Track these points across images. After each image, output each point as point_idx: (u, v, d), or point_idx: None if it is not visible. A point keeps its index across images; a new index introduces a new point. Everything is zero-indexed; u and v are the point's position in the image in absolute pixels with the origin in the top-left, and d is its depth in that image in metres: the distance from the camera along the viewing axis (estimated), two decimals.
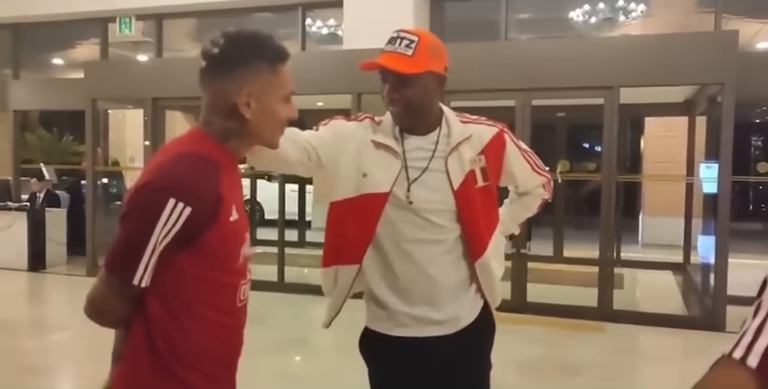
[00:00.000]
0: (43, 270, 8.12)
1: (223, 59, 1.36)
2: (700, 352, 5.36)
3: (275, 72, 1.40)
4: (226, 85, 1.36)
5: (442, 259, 1.80)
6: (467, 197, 1.79)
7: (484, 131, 1.87)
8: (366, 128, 1.85)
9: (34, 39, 9.75)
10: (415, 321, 1.81)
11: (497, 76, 5.94)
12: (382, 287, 1.82)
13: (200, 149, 1.36)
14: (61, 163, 11.69)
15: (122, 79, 7.72)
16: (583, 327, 5.69)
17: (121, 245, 1.29)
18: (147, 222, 1.26)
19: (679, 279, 7.85)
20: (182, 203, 1.25)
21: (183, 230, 1.27)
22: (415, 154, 1.81)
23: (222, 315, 1.40)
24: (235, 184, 1.43)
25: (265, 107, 1.38)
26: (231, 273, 1.40)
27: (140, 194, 1.29)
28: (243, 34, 1.39)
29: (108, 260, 1.31)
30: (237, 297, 1.42)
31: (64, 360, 4.98)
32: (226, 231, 1.33)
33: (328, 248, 1.89)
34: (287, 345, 5.26)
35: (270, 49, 1.39)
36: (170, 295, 1.32)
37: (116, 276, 1.30)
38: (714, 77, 5.64)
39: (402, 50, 1.72)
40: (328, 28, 8.47)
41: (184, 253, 1.30)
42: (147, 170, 1.34)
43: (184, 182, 1.28)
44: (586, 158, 11.42)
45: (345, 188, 1.81)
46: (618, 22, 8.33)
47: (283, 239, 7.21)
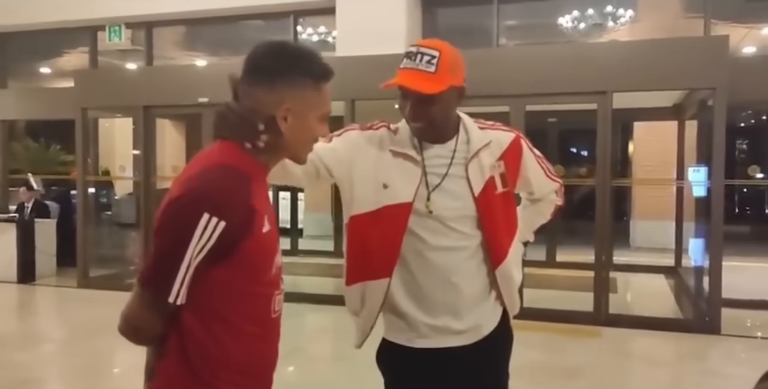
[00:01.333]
0: (33, 282, 8.01)
1: (271, 70, 1.34)
2: (697, 355, 5.40)
3: (318, 90, 1.38)
4: (267, 95, 1.34)
5: (465, 266, 1.78)
6: (488, 204, 1.78)
7: (502, 136, 1.85)
8: (382, 137, 1.81)
9: (21, 48, 9.68)
10: (435, 332, 1.78)
11: (490, 82, 5.95)
12: (403, 298, 1.78)
13: (231, 161, 1.33)
14: (49, 173, 11.58)
15: (112, 87, 7.66)
16: (578, 331, 5.70)
17: (156, 262, 1.27)
18: (181, 238, 1.23)
19: (672, 283, 7.89)
20: (216, 218, 1.23)
21: (218, 245, 1.24)
22: (434, 161, 1.78)
23: (257, 326, 1.37)
24: (265, 195, 1.41)
25: (301, 124, 1.37)
26: (265, 284, 1.38)
27: (173, 209, 1.27)
28: (292, 47, 1.39)
29: (143, 276, 1.28)
30: (271, 307, 1.40)
31: (55, 373, 4.90)
32: (259, 243, 1.31)
33: (352, 265, 1.84)
34: (282, 354, 5.21)
35: (317, 66, 1.38)
36: (205, 308, 1.30)
37: (151, 293, 1.28)
38: (706, 82, 5.69)
39: (424, 67, 1.67)
40: (318, 35, 8.48)
41: (219, 266, 1.28)
42: (179, 183, 1.31)
43: (217, 196, 1.25)
44: (576, 162, 11.48)
45: (365, 201, 1.77)
46: (607, 27, 8.41)
47: None
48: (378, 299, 1.79)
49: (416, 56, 1.68)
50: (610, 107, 5.83)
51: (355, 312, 1.87)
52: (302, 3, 7.64)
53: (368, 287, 1.80)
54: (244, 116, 1.36)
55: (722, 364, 5.10)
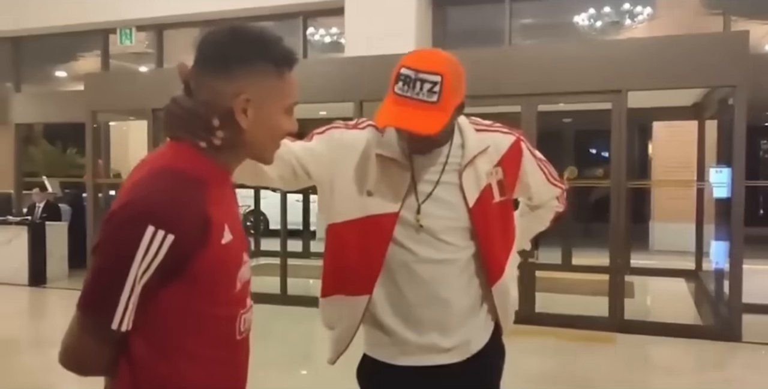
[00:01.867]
0: (44, 285, 8.02)
1: (225, 55, 1.16)
2: (717, 363, 5.20)
3: (281, 78, 1.20)
4: (223, 85, 1.16)
5: (456, 280, 1.63)
6: (483, 215, 1.62)
7: (500, 140, 1.68)
8: (368, 137, 1.64)
9: (36, 52, 9.74)
10: (421, 350, 1.63)
11: (502, 81, 5.82)
12: (387, 312, 1.63)
13: (181, 164, 1.16)
14: (65, 176, 11.64)
15: (122, 90, 7.65)
16: (593, 338, 5.52)
17: (96, 284, 1.10)
18: (123, 255, 1.07)
19: (692, 287, 7.67)
20: (163, 231, 1.06)
21: (166, 261, 1.08)
22: (425, 167, 1.62)
23: (220, 350, 1.21)
24: (226, 200, 1.24)
25: (264, 117, 1.19)
26: (227, 304, 1.21)
27: (114, 222, 1.09)
28: (250, 30, 1.20)
29: (81, 301, 1.10)
30: (236, 329, 1.23)
31: (66, 377, 4.85)
32: (218, 256, 1.14)
33: (329, 276, 1.69)
34: (290, 359, 5.12)
35: (279, 51, 1.20)
36: (157, 334, 1.14)
37: (92, 320, 1.11)
38: (725, 80, 5.49)
39: (425, 97, 1.47)
40: (330, 36, 8.41)
41: (171, 286, 1.11)
42: (123, 191, 1.14)
43: (163, 206, 1.08)
44: (593, 163, 11.28)
45: (346, 209, 1.61)
46: (624, 25, 8.22)
47: (285, 250, 7.09)
48: (356, 316, 1.65)
49: (415, 84, 1.47)
50: (625, 106, 5.65)
51: (330, 325, 1.73)
52: (312, 4, 7.57)
53: (346, 303, 1.66)
54: (194, 110, 1.18)
55: (743, 373, 4.89)
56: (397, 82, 1.50)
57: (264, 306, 6.41)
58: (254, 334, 1.34)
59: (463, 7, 7.57)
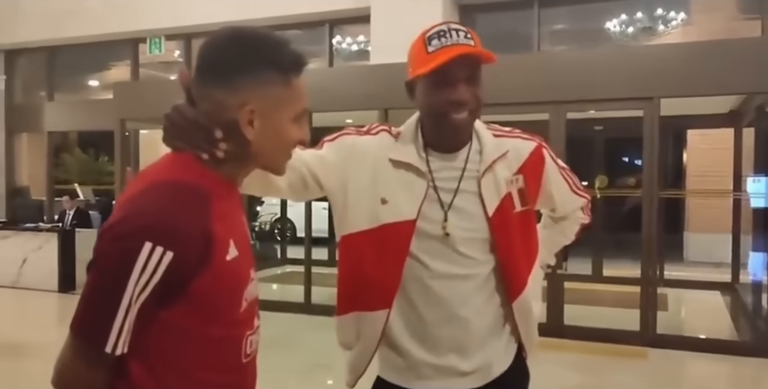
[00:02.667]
0: (73, 292, 8.10)
1: (226, 64, 1.09)
2: (753, 381, 4.98)
3: (288, 85, 1.13)
4: (226, 96, 1.09)
5: (475, 297, 1.52)
6: (504, 225, 1.52)
7: (520, 145, 1.59)
8: (381, 142, 1.56)
9: (69, 61, 9.93)
10: (438, 373, 1.53)
11: (529, 88, 5.70)
12: (402, 332, 1.54)
13: (183, 176, 1.09)
14: (97, 183, 11.82)
15: (150, 99, 7.70)
16: (623, 352, 5.35)
17: (89, 305, 1.02)
18: (117, 275, 1.00)
19: (728, 300, 7.41)
20: (162, 248, 0.99)
21: (165, 280, 1.01)
22: (442, 174, 1.52)
23: (224, 375, 1.13)
24: (231, 214, 1.16)
25: (272, 127, 1.12)
26: (232, 325, 1.13)
27: (108, 238, 1.02)
28: (252, 35, 1.12)
29: (74, 323, 1.03)
30: (242, 351, 1.16)
31: None
32: (221, 275, 1.07)
33: (345, 292, 1.60)
34: (314, 370, 5.06)
35: (284, 56, 1.12)
36: (157, 357, 1.06)
37: (85, 343, 1.03)
38: (763, 86, 5.29)
39: (465, 41, 1.44)
40: (357, 44, 8.39)
41: (170, 307, 1.04)
42: (119, 205, 1.08)
43: (162, 220, 1.01)
44: (625, 172, 11.04)
45: (359, 218, 1.52)
46: (657, 31, 8.05)
47: (309, 258, 7.04)
48: (375, 333, 1.54)
49: (450, 33, 1.45)
50: (657, 113, 5.48)
51: (348, 345, 1.63)
52: (338, 11, 7.56)
53: (364, 319, 1.56)
54: (195, 121, 1.11)
55: None
56: (428, 45, 1.46)
57: (288, 314, 6.38)
58: (278, 343, 1.28)
59: (490, 13, 7.48)
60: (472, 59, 1.46)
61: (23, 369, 5.00)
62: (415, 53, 1.50)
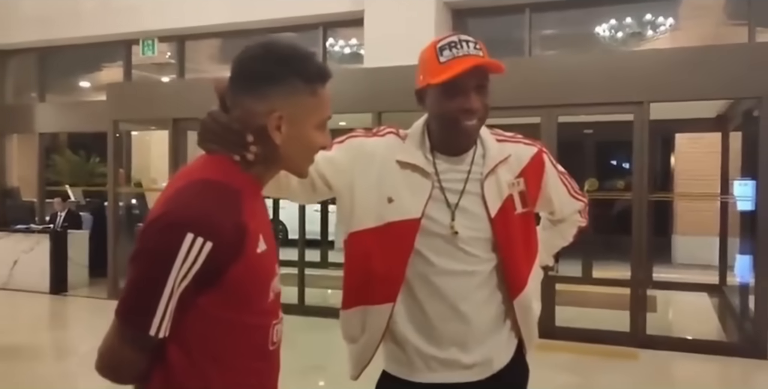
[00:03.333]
0: (65, 293, 8.09)
1: (257, 73, 1.20)
2: (741, 381, 5.08)
3: (313, 94, 1.24)
4: (256, 103, 1.20)
5: (476, 294, 1.60)
6: (505, 225, 1.60)
7: (522, 150, 1.67)
8: (389, 144, 1.63)
9: (61, 63, 9.89)
10: (441, 366, 1.60)
11: (521, 92, 5.78)
12: (406, 326, 1.61)
13: (217, 175, 1.20)
14: (88, 185, 11.77)
15: (144, 100, 7.73)
16: (614, 353, 5.42)
17: (134, 291, 1.12)
18: (162, 263, 1.09)
19: (716, 302, 7.52)
20: (202, 238, 1.09)
21: (204, 269, 1.10)
22: (447, 175, 1.60)
23: (253, 361, 1.23)
24: (260, 212, 1.27)
25: (298, 133, 1.23)
26: (261, 313, 1.23)
27: (153, 230, 1.12)
28: (282, 47, 1.23)
29: (119, 308, 1.13)
30: (269, 339, 1.25)
31: (86, 385, 4.87)
32: (253, 265, 1.17)
33: (350, 287, 1.67)
34: (308, 371, 5.09)
35: (310, 67, 1.23)
36: (193, 342, 1.15)
37: (130, 327, 1.13)
38: (750, 91, 5.40)
39: (475, 52, 1.52)
40: (350, 47, 8.43)
41: (207, 294, 1.14)
42: (160, 201, 1.18)
43: (202, 214, 1.12)
44: (615, 175, 11.15)
45: (366, 217, 1.59)
46: (646, 36, 8.14)
47: (303, 260, 7.08)
48: (381, 325, 1.61)
49: (461, 44, 1.53)
50: (647, 117, 5.58)
51: (353, 339, 1.69)
52: (331, 15, 7.59)
53: (369, 313, 1.63)
54: (229, 126, 1.22)
55: None
56: (440, 55, 1.53)
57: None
58: None
59: (483, 18, 7.55)
60: (482, 70, 1.53)
61: (15, 371, 4.99)
62: (427, 62, 1.56)
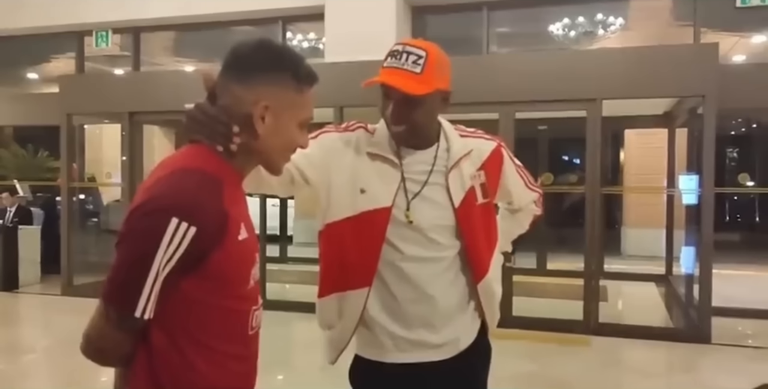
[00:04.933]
0: (16, 290, 7.89)
1: (250, 63, 1.25)
2: (687, 365, 5.34)
3: (300, 92, 1.29)
4: (245, 92, 1.24)
5: (441, 278, 1.70)
6: (468, 215, 1.71)
7: (483, 145, 1.78)
8: (359, 138, 1.72)
9: (8, 53, 9.58)
10: (411, 346, 1.69)
11: (480, 89, 5.91)
12: (377, 310, 1.69)
13: (200, 164, 1.24)
14: (37, 179, 11.45)
15: (98, 93, 7.58)
16: (568, 340, 5.63)
17: (120, 273, 1.16)
18: (148, 246, 1.13)
19: (663, 291, 7.85)
20: (186, 223, 1.13)
21: (188, 253, 1.15)
22: (413, 167, 1.70)
23: (233, 345, 1.27)
24: (240, 201, 1.31)
25: (279, 126, 1.27)
26: (241, 299, 1.27)
27: (138, 215, 1.16)
28: (278, 45, 1.31)
29: (106, 291, 1.17)
30: (249, 324, 1.30)
31: (37, 383, 4.80)
32: (234, 252, 1.22)
33: (326, 275, 1.74)
34: (268, 364, 5.12)
35: (301, 67, 1.29)
36: (175, 325, 1.20)
37: (116, 308, 1.17)
38: (695, 89, 5.67)
39: (409, 67, 1.57)
40: (308, 41, 8.43)
41: (189, 278, 1.18)
42: (144, 188, 1.22)
43: (186, 200, 1.16)
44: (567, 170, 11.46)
45: (341, 208, 1.67)
46: (597, 35, 8.39)
47: (264, 255, 7.08)
48: (357, 310, 1.70)
49: (401, 55, 1.59)
50: (599, 114, 5.79)
51: (330, 325, 1.77)
52: (291, 9, 7.58)
53: (346, 298, 1.71)
54: (216, 116, 1.27)
55: (713, 374, 5.04)
56: (386, 59, 1.62)
57: None
58: None
59: (441, 15, 7.66)
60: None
61: None
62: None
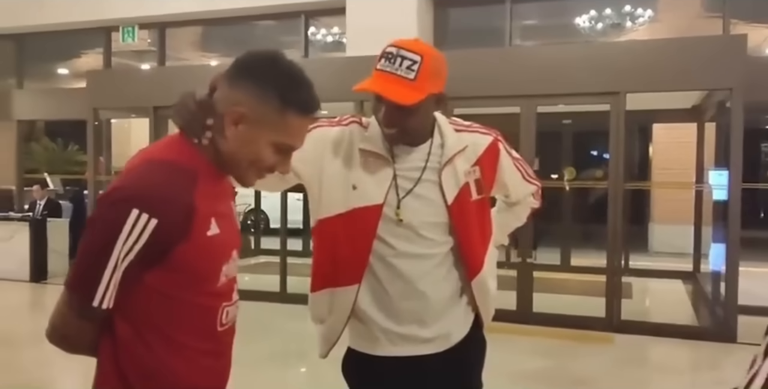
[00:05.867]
0: (45, 281, 8.07)
1: (248, 69, 1.23)
2: (711, 364, 5.23)
3: (282, 114, 1.21)
4: (230, 92, 1.22)
5: (433, 273, 1.69)
6: (462, 212, 1.69)
7: (478, 140, 1.75)
8: (352, 133, 1.70)
9: (39, 49, 9.77)
10: (402, 340, 1.69)
11: (501, 82, 5.85)
12: (369, 305, 1.69)
13: (173, 156, 1.23)
14: (66, 173, 11.68)
15: (124, 88, 7.69)
16: (590, 338, 5.55)
17: (81, 263, 1.17)
18: (107, 236, 1.13)
19: (689, 288, 7.70)
20: (146, 215, 1.12)
21: (149, 246, 1.14)
22: (406, 164, 1.68)
23: (200, 341, 1.26)
24: (217, 195, 1.28)
25: (250, 138, 1.22)
26: (209, 295, 1.25)
27: (101, 205, 1.17)
28: (287, 63, 1.25)
29: (68, 278, 1.18)
30: (217, 320, 1.28)
31: (65, 372, 4.89)
32: (201, 247, 1.19)
33: (318, 271, 1.74)
34: (288, 356, 5.16)
35: (297, 92, 1.23)
36: (140, 318, 1.20)
37: (76, 296, 1.17)
38: (722, 82, 5.52)
39: (403, 73, 1.54)
40: (332, 35, 8.44)
41: (153, 271, 1.17)
42: (119, 176, 1.22)
43: (149, 191, 1.15)
44: (594, 165, 11.30)
45: (333, 204, 1.68)
46: (625, 27, 8.24)
47: (285, 249, 7.12)
48: (347, 306, 1.70)
49: (396, 59, 1.55)
50: (623, 107, 5.68)
51: (321, 319, 1.78)
52: (314, 3, 7.60)
53: (336, 294, 1.71)
54: (194, 111, 1.26)
55: (737, 373, 4.90)
56: (380, 60, 1.58)
57: (264, 303, 6.45)
58: (253, 331, 1.38)
59: (464, 8, 7.60)
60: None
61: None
62: (375, 61, 1.60)
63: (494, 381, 4.37)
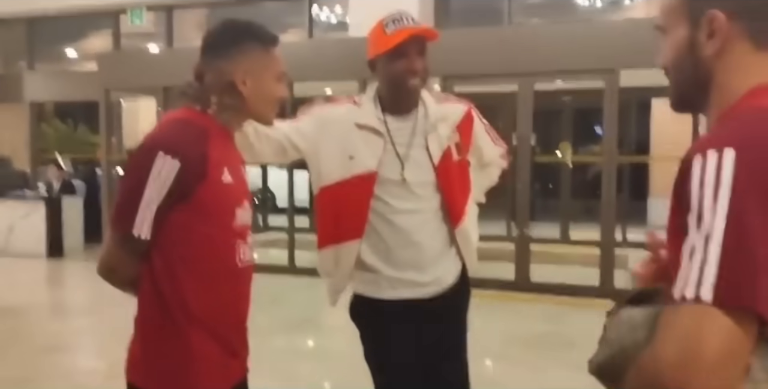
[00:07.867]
0: (61, 257, 8.35)
1: (225, 42, 1.52)
2: None
3: (268, 52, 1.55)
4: (224, 64, 1.50)
5: (426, 226, 1.98)
6: (446, 171, 1.98)
7: (456, 109, 2.06)
8: (348, 110, 1.99)
9: (48, 32, 9.94)
10: (402, 285, 1.97)
11: (498, 60, 6.01)
12: (371, 256, 1.97)
13: (187, 116, 1.51)
14: (77, 153, 11.89)
15: (134, 69, 7.88)
16: (584, 304, 5.79)
17: (120, 201, 1.45)
18: (140, 176, 1.40)
19: None
20: (170, 156, 1.39)
21: (175, 185, 1.39)
22: (397, 132, 1.97)
23: (221, 272, 1.50)
24: (228, 151, 1.55)
25: (260, 84, 1.53)
26: (226, 229, 1.50)
27: (133, 156, 1.46)
28: (239, 21, 1.58)
29: (111, 216, 1.47)
30: (236, 256, 1.52)
31: (84, 340, 5.15)
32: (217, 190, 1.46)
33: (324, 231, 2.03)
34: (298, 323, 5.41)
35: (263, 33, 1.56)
36: (170, 252, 1.44)
37: (119, 230, 1.44)
38: None
39: (414, 25, 1.87)
40: (336, 16, 8.57)
41: (180, 210, 1.42)
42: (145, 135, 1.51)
43: (170, 138, 1.44)
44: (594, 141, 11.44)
45: (333, 173, 1.96)
46: (623, 5, 8.36)
47: (293, 225, 7.37)
48: (351, 258, 1.98)
49: (402, 19, 1.87)
50: (617, 84, 5.85)
51: (329, 273, 2.06)
52: None
53: (341, 249, 1.99)
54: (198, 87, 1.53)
55: None
56: (386, 28, 1.88)
57: (273, 276, 6.71)
58: (263, 301, 1.61)
59: None
60: (421, 37, 1.90)
61: (16, 329, 5.26)
62: (375, 37, 1.91)
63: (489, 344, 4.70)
